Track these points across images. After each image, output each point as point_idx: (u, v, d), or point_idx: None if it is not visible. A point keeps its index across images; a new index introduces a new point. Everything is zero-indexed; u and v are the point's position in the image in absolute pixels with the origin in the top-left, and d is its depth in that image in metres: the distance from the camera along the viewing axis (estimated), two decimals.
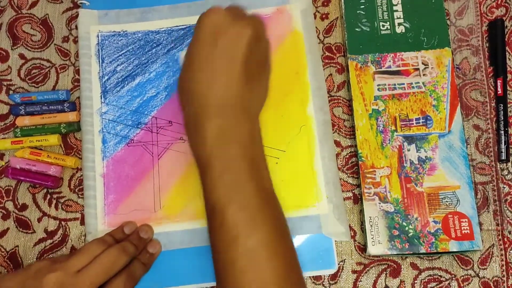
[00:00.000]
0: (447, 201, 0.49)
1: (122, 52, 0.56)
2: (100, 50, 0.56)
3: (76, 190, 0.53)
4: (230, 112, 0.44)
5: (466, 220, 0.48)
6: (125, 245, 0.48)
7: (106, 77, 0.55)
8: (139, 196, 0.52)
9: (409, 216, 0.49)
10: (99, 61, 0.55)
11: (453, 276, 0.49)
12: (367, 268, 0.50)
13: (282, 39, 0.55)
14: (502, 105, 0.52)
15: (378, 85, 0.52)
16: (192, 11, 0.56)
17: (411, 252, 0.48)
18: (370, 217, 0.49)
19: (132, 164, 0.53)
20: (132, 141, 0.53)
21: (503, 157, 0.51)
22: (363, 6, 0.55)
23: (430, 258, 0.50)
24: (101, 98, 0.54)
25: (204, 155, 0.43)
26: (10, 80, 0.56)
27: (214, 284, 0.44)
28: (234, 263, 0.41)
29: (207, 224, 0.43)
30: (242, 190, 0.42)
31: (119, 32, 0.56)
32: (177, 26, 0.56)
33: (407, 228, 0.48)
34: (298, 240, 0.50)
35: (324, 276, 0.50)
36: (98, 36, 0.56)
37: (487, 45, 0.54)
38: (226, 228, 0.41)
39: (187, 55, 0.45)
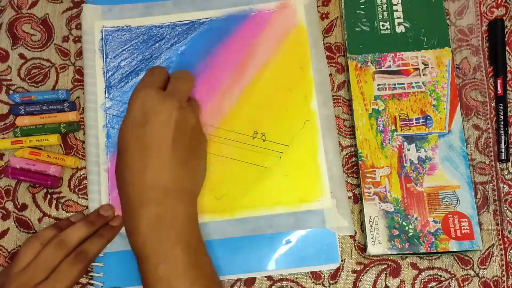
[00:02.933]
0: (447, 201, 0.49)
1: (125, 47, 0.56)
2: (104, 45, 0.56)
3: (76, 190, 0.53)
4: (163, 199, 0.43)
5: (466, 220, 0.48)
6: (63, 238, 0.47)
7: (110, 73, 0.55)
8: None
9: (409, 216, 0.49)
10: (103, 56, 0.55)
11: (453, 276, 0.49)
12: (367, 268, 0.50)
13: (286, 33, 0.55)
14: (502, 105, 0.52)
15: (378, 85, 0.52)
16: (196, 6, 0.56)
17: (411, 252, 0.48)
18: (370, 217, 0.49)
19: None
20: None
21: (503, 157, 0.51)
22: (363, 6, 0.55)
23: (430, 258, 0.50)
24: (105, 93, 0.54)
25: (138, 246, 0.42)
26: (10, 80, 0.56)
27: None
28: None
29: None
30: (180, 284, 0.41)
31: (123, 27, 0.56)
32: (180, 21, 0.56)
33: (407, 228, 0.48)
34: (301, 235, 0.50)
35: (324, 276, 0.50)
36: (102, 32, 0.56)
37: (487, 45, 0.54)
38: None
39: (119, 136, 0.45)
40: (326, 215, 0.50)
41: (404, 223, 0.49)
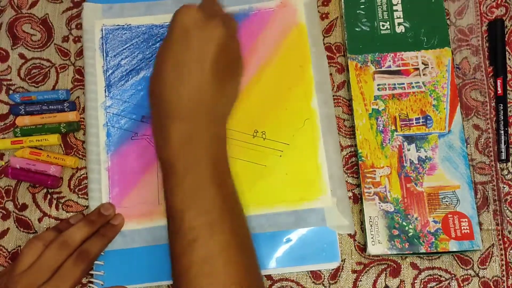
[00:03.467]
0: (447, 201, 0.49)
1: (126, 46, 0.56)
2: (104, 44, 0.56)
3: (76, 190, 0.53)
4: (197, 116, 0.43)
5: (466, 220, 0.48)
6: (66, 238, 0.48)
7: (110, 71, 0.55)
8: (143, 189, 0.52)
9: (409, 216, 0.49)
10: (103, 55, 0.55)
11: (453, 276, 0.49)
12: (367, 268, 0.50)
13: (286, 32, 0.55)
14: (502, 105, 0.52)
15: (378, 84, 0.52)
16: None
17: (411, 252, 0.48)
18: (370, 217, 0.49)
19: (136, 157, 0.53)
20: (136, 135, 0.53)
21: (503, 157, 0.51)
22: (363, 6, 0.55)
23: (430, 258, 0.50)
24: (105, 92, 0.55)
25: (167, 158, 0.43)
26: (10, 79, 0.56)
27: None
28: (189, 269, 0.40)
29: (167, 228, 0.43)
30: (202, 196, 0.42)
31: (123, 25, 0.56)
32: None
33: (407, 228, 0.48)
34: (302, 233, 0.50)
35: (324, 276, 0.50)
36: (102, 30, 0.56)
37: (487, 45, 0.54)
38: (183, 233, 0.41)
39: (158, 54, 0.45)
40: (326, 214, 0.50)
41: (404, 223, 0.49)
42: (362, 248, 0.50)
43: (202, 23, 0.43)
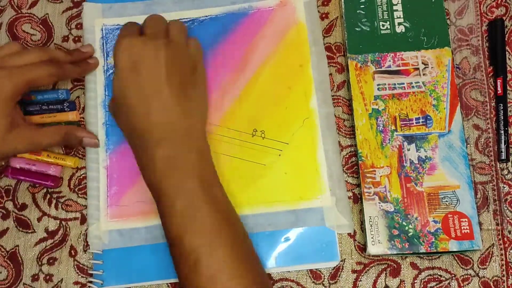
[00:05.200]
0: (447, 201, 0.49)
1: None
2: (104, 44, 0.56)
3: (76, 189, 0.53)
4: (174, 137, 0.44)
5: (466, 219, 0.48)
6: (44, 48, 0.52)
7: (111, 71, 0.55)
8: (141, 188, 0.51)
9: (409, 216, 0.49)
10: (104, 55, 0.55)
11: (453, 275, 0.49)
12: (367, 268, 0.50)
13: (286, 31, 0.55)
14: (502, 104, 0.52)
15: (378, 84, 0.52)
16: (196, 4, 0.56)
17: (411, 252, 0.48)
18: (370, 216, 0.49)
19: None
20: None
21: (503, 156, 0.51)
22: (363, 6, 0.55)
23: (430, 257, 0.50)
24: (105, 90, 0.55)
25: (154, 184, 0.44)
26: None
27: None
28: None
29: (170, 252, 0.44)
30: (196, 216, 0.42)
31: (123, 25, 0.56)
32: (180, 19, 0.56)
33: (407, 228, 0.48)
34: (301, 232, 0.50)
35: (324, 276, 0.50)
36: (102, 30, 0.56)
37: (487, 44, 0.54)
38: (185, 257, 0.42)
39: (114, 87, 0.46)
40: (325, 213, 0.50)
41: (404, 223, 0.49)
42: (362, 248, 0.50)
43: (143, 49, 0.45)
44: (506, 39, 0.54)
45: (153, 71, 0.44)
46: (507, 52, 0.54)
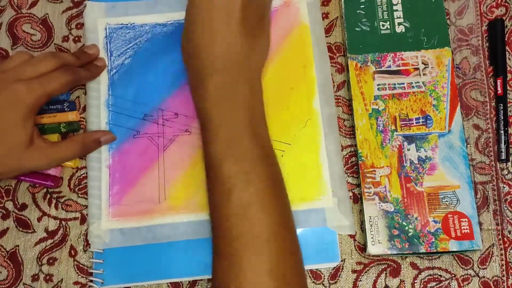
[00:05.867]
0: (447, 201, 0.49)
1: (130, 45, 0.56)
2: (108, 43, 0.56)
3: (76, 189, 0.53)
4: (230, 69, 0.45)
5: (466, 219, 0.48)
6: (55, 53, 0.51)
7: (114, 70, 0.55)
8: (143, 187, 0.52)
9: (409, 216, 0.49)
10: (108, 54, 0.55)
11: (453, 275, 0.49)
12: (367, 268, 0.50)
13: (289, 32, 0.55)
14: (502, 104, 0.52)
15: (378, 84, 0.52)
16: None
17: (411, 252, 0.48)
18: (370, 216, 0.49)
19: (137, 155, 0.53)
20: (138, 133, 0.53)
21: (503, 156, 0.51)
22: (363, 6, 0.55)
23: (430, 257, 0.50)
24: (109, 90, 0.54)
25: (204, 109, 0.44)
26: None
27: None
28: (229, 215, 0.41)
29: (205, 180, 0.44)
30: (238, 145, 0.43)
31: (127, 24, 0.56)
32: (181, 20, 0.56)
33: (407, 228, 0.48)
34: (302, 233, 0.50)
35: (324, 276, 0.50)
36: (106, 29, 0.56)
37: (487, 44, 0.54)
38: (220, 182, 0.42)
39: (186, 14, 0.46)
40: (327, 214, 0.50)
41: (404, 223, 0.49)
42: (362, 248, 0.50)
43: None
44: (506, 39, 0.54)
45: (228, 3, 0.44)
46: (507, 52, 0.54)
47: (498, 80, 0.53)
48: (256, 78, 0.47)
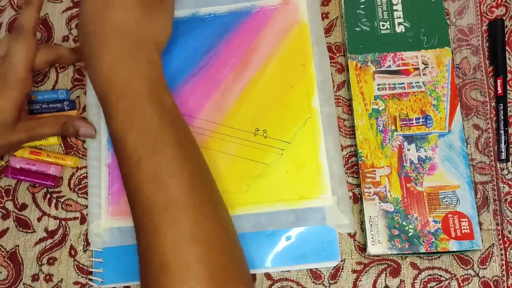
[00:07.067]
0: (447, 201, 0.49)
1: None
2: None
3: (76, 189, 0.53)
4: (126, 36, 0.44)
5: (466, 219, 0.48)
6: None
7: None
8: None
9: (409, 216, 0.49)
10: None
11: (453, 275, 0.49)
12: (367, 268, 0.50)
13: (288, 30, 0.55)
14: (502, 104, 0.52)
15: (378, 84, 0.52)
16: (198, 3, 0.56)
17: (411, 252, 0.48)
18: (370, 216, 0.49)
19: None
20: None
21: (503, 156, 0.51)
22: (363, 6, 0.55)
23: (430, 257, 0.50)
24: None
25: (101, 82, 0.44)
26: None
27: None
28: (139, 186, 0.41)
29: (114, 152, 0.44)
30: (141, 115, 0.42)
31: None
32: (183, 17, 0.56)
33: (407, 228, 0.48)
34: (302, 232, 0.50)
35: (324, 276, 0.50)
36: None
37: (487, 44, 0.54)
38: (128, 154, 0.42)
39: None
40: (326, 213, 0.50)
41: (404, 223, 0.49)
42: (362, 248, 0.50)
43: None
44: (506, 39, 0.54)
45: None
46: (507, 52, 0.54)
47: (498, 80, 0.53)
48: (153, 49, 0.46)
